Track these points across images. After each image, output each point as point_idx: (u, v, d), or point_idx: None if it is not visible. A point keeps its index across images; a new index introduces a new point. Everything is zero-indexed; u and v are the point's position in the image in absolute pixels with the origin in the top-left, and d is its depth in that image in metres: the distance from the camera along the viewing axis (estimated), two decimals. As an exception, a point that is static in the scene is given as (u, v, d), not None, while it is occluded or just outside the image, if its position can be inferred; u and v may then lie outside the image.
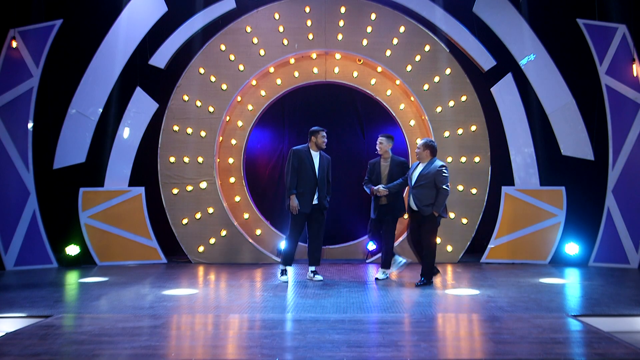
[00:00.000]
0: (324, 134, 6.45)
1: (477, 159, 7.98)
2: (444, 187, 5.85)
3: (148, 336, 3.93)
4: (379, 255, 7.50)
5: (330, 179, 6.56)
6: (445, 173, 5.90)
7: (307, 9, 8.17)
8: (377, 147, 6.51)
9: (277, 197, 8.49)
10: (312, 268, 6.49)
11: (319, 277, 6.44)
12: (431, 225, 5.97)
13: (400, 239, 7.74)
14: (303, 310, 4.78)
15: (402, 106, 8.26)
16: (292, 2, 8.18)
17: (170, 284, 6.27)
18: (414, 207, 6.00)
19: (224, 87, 8.09)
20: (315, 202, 6.31)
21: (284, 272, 6.42)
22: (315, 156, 6.41)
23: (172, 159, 8.01)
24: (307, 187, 6.26)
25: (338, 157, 8.52)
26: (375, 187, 6.30)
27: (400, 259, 6.50)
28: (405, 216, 6.55)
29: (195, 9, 8.10)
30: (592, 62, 7.77)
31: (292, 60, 8.27)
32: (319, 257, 6.49)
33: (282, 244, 8.06)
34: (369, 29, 8.12)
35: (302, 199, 6.25)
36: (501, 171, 8.02)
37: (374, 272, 7.03)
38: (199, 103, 8.06)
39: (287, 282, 6.34)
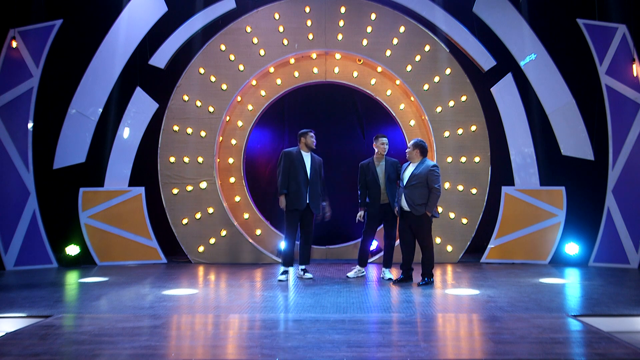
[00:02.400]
0: (312, 134, 6.60)
1: (477, 159, 7.98)
2: (435, 186, 5.90)
3: (148, 336, 3.93)
4: (380, 255, 7.52)
5: (323, 180, 6.67)
6: (437, 173, 5.95)
7: (307, 9, 8.17)
8: (384, 148, 6.49)
9: (277, 197, 8.48)
10: (302, 266, 6.64)
11: (308, 275, 6.59)
12: (425, 225, 6.01)
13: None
14: (303, 310, 4.78)
15: (402, 106, 8.26)
16: (292, 2, 8.18)
17: (170, 284, 6.27)
18: (406, 207, 6.03)
19: (224, 87, 8.09)
20: (307, 201, 6.45)
21: (284, 272, 6.47)
22: (307, 157, 6.55)
23: (172, 159, 8.01)
24: (300, 185, 6.40)
25: (338, 157, 8.53)
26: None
27: (386, 274, 6.52)
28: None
29: (195, 9, 8.11)
30: (592, 62, 7.78)
31: (292, 60, 8.27)
32: (309, 256, 6.66)
33: (282, 244, 8.07)
34: (369, 29, 8.12)
35: (295, 197, 6.39)
36: (501, 171, 8.02)
37: (374, 272, 7.03)
38: (199, 103, 8.06)
39: (285, 281, 6.37)
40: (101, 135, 8.02)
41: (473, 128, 8.01)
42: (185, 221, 7.96)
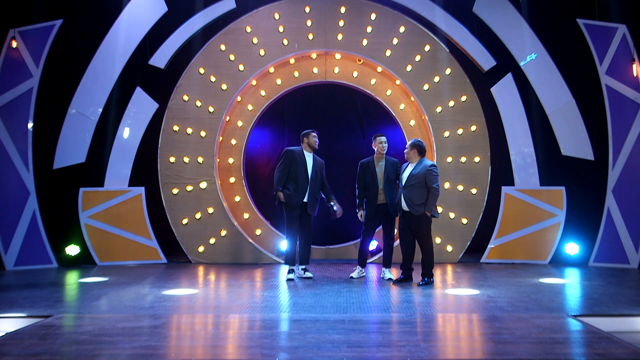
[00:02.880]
0: (315, 134, 6.64)
1: (477, 159, 7.98)
2: (434, 186, 5.89)
3: (148, 336, 3.93)
4: (380, 255, 7.51)
5: (325, 182, 6.69)
6: (435, 172, 5.95)
7: (307, 9, 8.17)
8: (382, 147, 6.50)
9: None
10: (302, 266, 6.65)
11: (308, 274, 6.60)
12: (424, 225, 6.01)
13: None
14: (303, 310, 4.78)
15: (402, 106, 8.26)
16: (292, 2, 8.18)
17: (170, 284, 6.27)
18: (405, 208, 6.03)
19: (224, 87, 8.09)
20: (305, 200, 6.46)
21: (291, 271, 6.50)
22: (309, 157, 6.57)
23: (172, 159, 8.01)
24: (300, 185, 6.42)
25: (338, 157, 8.53)
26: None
27: (386, 274, 6.52)
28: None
29: (195, 9, 8.11)
30: (592, 62, 7.77)
31: (292, 60, 8.27)
32: (308, 256, 6.67)
33: (282, 244, 8.08)
34: (369, 29, 8.12)
35: (294, 196, 6.40)
36: (501, 171, 8.02)
37: (374, 272, 7.03)
38: (199, 103, 8.06)
39: (293, 279, 6.42)
40: (101, 135, 8.02)
41: (473, 128, 8.01)
42: (185, 221, 7.96)
